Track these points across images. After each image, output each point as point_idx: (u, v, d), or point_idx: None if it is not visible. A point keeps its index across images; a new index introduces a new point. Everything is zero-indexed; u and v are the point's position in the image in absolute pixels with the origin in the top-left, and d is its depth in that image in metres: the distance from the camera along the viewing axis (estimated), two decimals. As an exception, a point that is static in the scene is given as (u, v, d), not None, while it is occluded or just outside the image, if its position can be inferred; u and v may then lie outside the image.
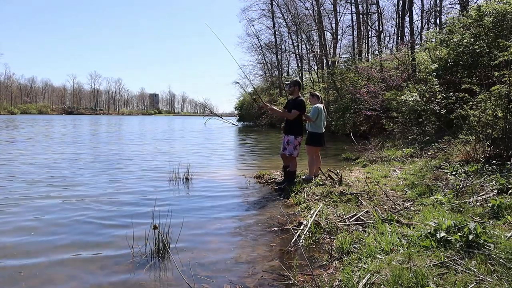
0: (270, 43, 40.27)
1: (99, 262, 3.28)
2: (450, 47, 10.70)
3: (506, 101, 6.05)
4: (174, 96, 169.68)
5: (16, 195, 5.67)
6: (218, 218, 4.61)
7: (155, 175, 7.66)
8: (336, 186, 5.62)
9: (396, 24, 27.31)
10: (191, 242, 3.74)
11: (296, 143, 6.03)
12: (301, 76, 34.11)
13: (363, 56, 25.81)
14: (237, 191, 6.33)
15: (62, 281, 2.94)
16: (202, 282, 2.87)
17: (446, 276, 2.43)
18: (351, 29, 29.61)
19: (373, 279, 2.50)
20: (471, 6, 13.71)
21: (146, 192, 6.03)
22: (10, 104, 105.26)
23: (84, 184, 6.62)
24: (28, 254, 3.44)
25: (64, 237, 3.89)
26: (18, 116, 76.61)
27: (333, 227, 3.88)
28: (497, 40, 8.63)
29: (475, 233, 2.85)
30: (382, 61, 18.23)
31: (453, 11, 23.14)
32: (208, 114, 11.98)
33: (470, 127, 6.96)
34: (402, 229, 3.41)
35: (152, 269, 3.13)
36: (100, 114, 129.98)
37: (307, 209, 4.69)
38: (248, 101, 40.48)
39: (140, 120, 65.49)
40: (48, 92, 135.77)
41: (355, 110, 17.33)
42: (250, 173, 7.87)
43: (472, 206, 3.90)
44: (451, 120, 8.86)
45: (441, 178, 5.38)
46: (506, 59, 6.66)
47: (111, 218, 4.57)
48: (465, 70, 10.01)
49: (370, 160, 8.72)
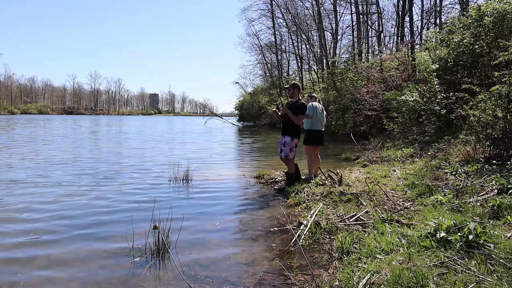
0: (270, 43, 40.22)
1: (99, 262, 3.28)
2: (450, 47, 10.71)
3: (506, 101, 6.05)
4: (174, 96, 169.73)
5: (16, 194, 5.67)
6: (218, 218, 4.61)
7: (155, 175, 7.66)
8: (336, 186, 5.62)
9: (396, 24, 27.32)
10: (191, 242, 3.74)
11: (292, 145, 5.96)
12: (301, 76, 34.11)
13: (363, 56, 25.80)
14: (237, 191, 6.33)
15: (62, 280, 2.94)
16: (202, 282, 2.86)
17: (446, 276, 2.43)
18: (351, 29, 29.64)
19: (373, 279, 2.50)
20: (471, 6, 13.71)
21: (146, 192, 6.02)
22: (10, 104, 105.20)
23: (83, 183, 6.63)
24: (28, 254, 3.44)
25: (64, 237, 3.89)
26: (18, 116, 76.59)
27: (333, 227, 3.88)
28: (497, 40, 8.63)
29: (475, 233, 2.85)
30: (382, 61, 18.22)
31: (453, 11, 23.18)
32: (208, 114, 11.96)
33: (470, 127, 6.96)
34: (402, 229, 3.41)
35: (152, 269, 3.13)
36: (100, 114, 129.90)
37: (307, 209, 4.68)
38: (248, 101, 40.48)
39: (140, 120, 65.48)
40: (48, 92, 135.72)
41: (355, 110, 17.33)
42: (250, 173, 7.87)
43: (472, 206, 3.90)
44: (451, 120, 8.87)
45: (441, 178, 5.38)
46: (506, 59, 6.65)
47: (111, 218, 4.57)
48: (465, 70, 10.01)
49: (370, 160, 8.72)
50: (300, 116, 5.93)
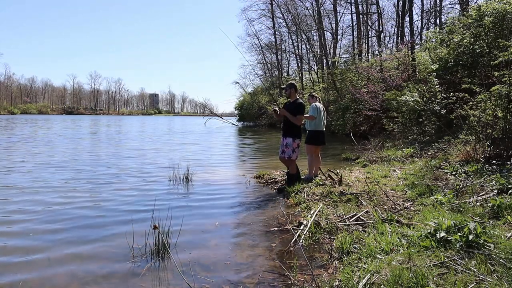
0: (270, 43, 40.23)
1: (99, 261, 3.28)
2: (450, 47, 10.71)
3: (506, 101, 6.05)
4: (174, 96, 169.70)
5: (15, 194, 5.67)
6: (218, 218, 4.61)
7: (155, 174, 7.65)
8: (336, 186, 5.62)
9: (396, 24, 27.28)
10: (191, 242, 3.74)
11: (294, 145, 5.93)
12: (301, 76, 34.10)
13: (363, 56, 25.79)
14: (237, 191, 6.33)
15: (62, 280, 2.93)
16: (202, 282, 2.86)
17: (446, 276, 2.43)
18: (351, 29, 29.62)
19: (373, 279, 2.50)
20: (471, 6, 13.71)
21: (146, 192, 6.02)
22: (10, 104, 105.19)
23: (82, 183, 6.62)
24: (27, 254, 3.44)
25: (64, 237, 3.89)
26: (18, 116, 76.56)
27: (333, 227, 3.88)
28: (497, 40, 8.64)
29: (475, 233, 2.85)
30: (382, 61, 18.22)
31: (453, 11, 23.18)
32: (208, 114, 11.97)
33: (470, 127, 6.96)
34: (402, 229, 3.41)
35: (152, 269, 3.13)
36: (100, 114, 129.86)
37: (307, 209, 4.68)
38: (248, 101, 40.47)
39: (140, 120, 65.48)
40: (48, 92, 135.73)
41: (355, 110, 17.33)
42: (250, 173, 7.86)
43: (472, 206, 3.90)
44: (451, 120, 8.87)
45: (441, 178, 5.38)
46: (506, 59, 6.65)
47: (111, 218, 4.57)
48: (465, 70, 10.01)
49: (370, 160, 8.72)
50: (299, 116, 5.90)
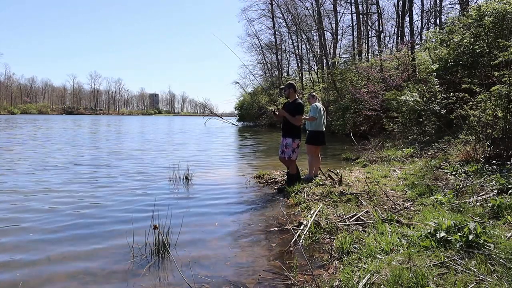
0: (270, 43, 40.27)
1: (99, 262, 3.28)
2: (450, 47, 10.70)
3: (506, 101, 6.05)
4: (174, 96, 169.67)
5: (15, 194, 5.67)
6: (218, 218, 4.61)
7: (155, 175, 7.65)
8: (336, 186, 5.62)
9: (396, 24, 27.26)
10: (191, 242, 3.74)
11: (294, 146, 5.91)
12: (301, 76, 34.11)
13: (363, 56, 25.80)
14: (237, 191, 6.33)
15: (62, 281, 2.94)
16: (202, 282, 2.86)
17: (446, 276, 2.43)
18: (351, 29, 29.63)
19: (373, 279, 2.50)
20: (471, 6, 13.71)
21: (146, 192, 6.02)
22: (10, 104, 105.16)
23: (82, 183, 6.62)
24: (27, 253, 3.44)
25: (64, 237, 3.89)
26: (18, 116, 76.54)
27: (333, 227, 3.88)
28: (497, 40, 8.63)
29: (475, 233, 2.85)
30: (382, 61, 18.23)
31: (453, 11, 23.17)
32: (208, 114, 11.94)
33: (470, 127, 6.96)
34: (402, 229, 3.41)
35: (152, 269, 3.13)
36: (100, 114, 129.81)
37: (307, 209, 4.68)
38: (248, 101, 40.47)
39: (140, 120, 65.48)
40: (48, 92, 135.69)
41: (355, 110, 17.33)
42: (250, 173, 7.86)
43: (472, 206, 3.90)
44: (451, 120, 8.87)
45: (441, 178, 5.38)
46: (506, 59, 6.65)
47: (111, 218, 4.57)
48: (465, 70, 10.01)
49: (370, 160, 8.72)
50: (298, 117, 5.88)
